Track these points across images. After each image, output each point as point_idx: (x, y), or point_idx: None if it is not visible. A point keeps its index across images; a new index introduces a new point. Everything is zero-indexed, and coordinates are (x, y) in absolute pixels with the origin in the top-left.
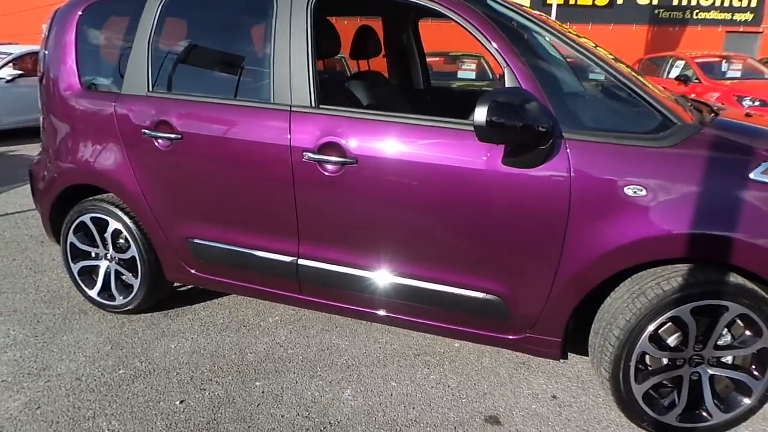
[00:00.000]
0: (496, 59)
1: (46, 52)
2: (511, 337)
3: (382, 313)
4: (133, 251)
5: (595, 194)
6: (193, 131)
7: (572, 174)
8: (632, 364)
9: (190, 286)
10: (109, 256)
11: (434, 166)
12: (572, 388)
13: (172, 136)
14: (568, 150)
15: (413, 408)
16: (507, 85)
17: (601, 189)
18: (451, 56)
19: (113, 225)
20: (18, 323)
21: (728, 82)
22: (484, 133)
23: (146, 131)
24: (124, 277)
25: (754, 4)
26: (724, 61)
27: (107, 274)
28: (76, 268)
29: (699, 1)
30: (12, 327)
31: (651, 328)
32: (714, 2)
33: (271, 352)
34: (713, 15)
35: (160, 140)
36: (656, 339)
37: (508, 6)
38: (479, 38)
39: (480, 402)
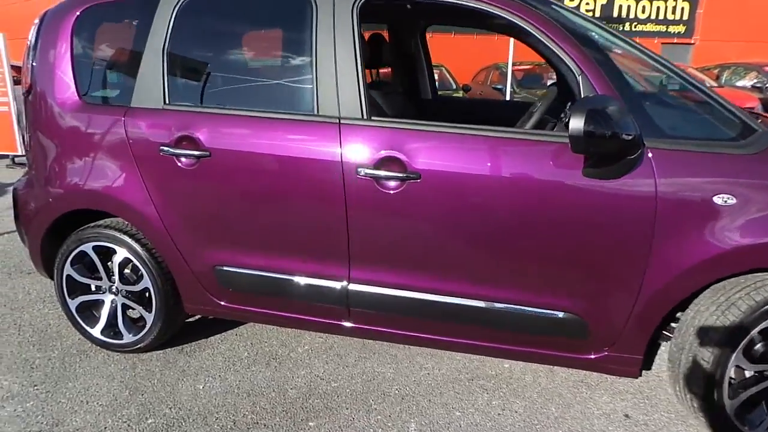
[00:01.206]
0: (569, 67)
1: (34, 63)
2: (591, 356)
3: (444, 338)
4: (146, 282)
5: (682, 205)
6: (225, 147)
7: (657, 184)
8: (726, 379)
9: (197, 316)
10: (114, 289)
11: (507, 179)
12: (641, 405)
13: (199, 153)
14: (651, 159)
15: None
16: (583, 93)
17: (688, 199)
18: None
19: (121, 254)
20: (9, 371)
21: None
22: (580, 144)
23: (165, 148)
24: (131, 312)
25: (686, 17)
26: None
27: (112, 309)
28: (74, 304)
29: (637, 14)
30: (3, 376)
31: (745, 341)
32: (650, 15)
33: (313, 386)
34: (650, 27)
35: (182, 158)
36: (747, 351)
37: (575, 12)
38: (549, 45)
39: (555, 427)
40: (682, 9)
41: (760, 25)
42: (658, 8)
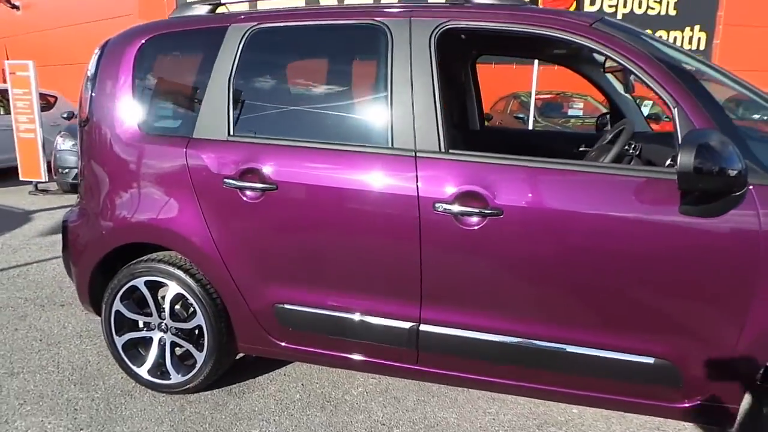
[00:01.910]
0: (663, 98)
1: (93, 94)
2: (685, 405)
3: (521, 383)
4: (200, 320)
5: None
6: (292, 180)
7: (762, 223)
8: None
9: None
10: (163, 326)
11: (596, 216)
12: None
13: (264, 186)
14: (755, 196)
15: None
16: (679, 127)
17: None
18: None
19: (174, 289)
20: (51, 412)
21: None
22: (690, 180)
23: (229, 180)
24: (179, 351)
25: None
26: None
27: (161, 348)
28: (120, 341)
29: None
30: (46, 418)
31: None
32: None
33: None
34: None
35: (247, 191)
36: None
37: (666, 43)
38: (641, 76)
39: None
40: (699, 39)
41: None
42: (675, 38)
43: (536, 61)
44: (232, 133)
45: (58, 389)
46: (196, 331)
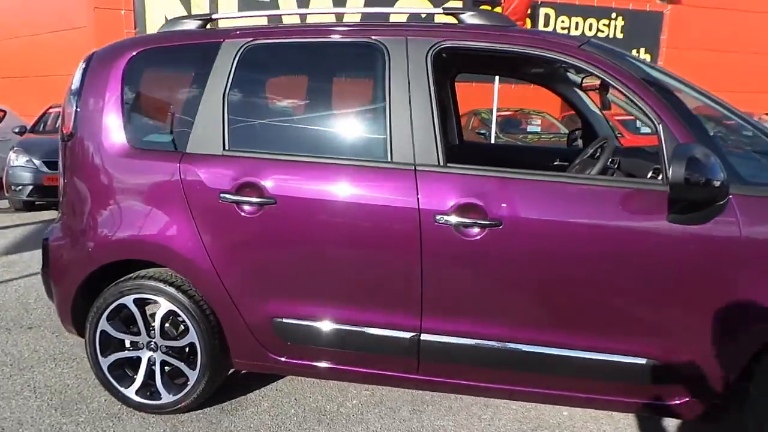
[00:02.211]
0: (647, 115)
1: (78, 108)
2: (675, 402)
3: (519, 387)
4: (192, 337)
5: (766, 250)
6: (291, 194)
7: (741, 230)
8: None
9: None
10: (152, 345)
11: (590, 225)
12: None
13: (263, 200)
14: (734, 205)
15: None
16: (664, 142)
17: None
18: None
19: (165, 307)
20: None
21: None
22: (681, 191)
23: (225, 195)
24: (169, 369)
25: None
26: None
27: (149, 367)
28: (106, 362)
29: None
30: None
31: None
32: None
33: None
34: None
35: (245, 205)
36: None
37: (646, 63)
38: (627, 94)
39: None
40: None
41: (720, 78)
42: None
43: (497, 79)
44: (227, 147)
45: (38, 415)
46: (188, 349)
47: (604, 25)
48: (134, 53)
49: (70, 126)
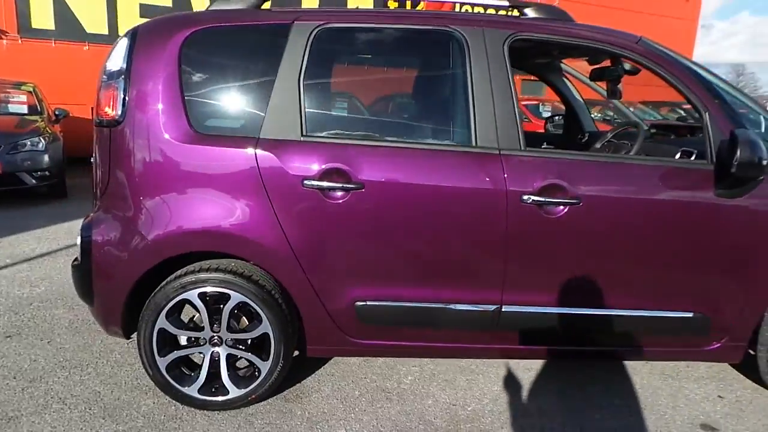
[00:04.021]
0: (694, 104)
1: (127, 90)
2: (712, 347)
3: (585, 348)
4: (265, 327)
5: None
6: (379, 179)
7: None
8: None
9: None
10: (216, 339)
11: (657, 201)
12: (727, 388)
13: (351, 185)
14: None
15: None
16: (711, 128)
17: None
18: None
19: (236, 299)
20: None
21: None
22: (747, 169)
23: (310, 182)
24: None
25: None
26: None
27: (213, 363)
28: (164, 362)
29: None
30: None
31: None
32: None
33: (451, 413)
34: None
35: (331, 191)
36: None
37: (686, 59)
38: (677, 85)
39: (681, 418)
40: None
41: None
42: None
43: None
44: (305, 133)
45: (87, 426)
46: (259, 341)
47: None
48: (191, 32)
49: (116, 110)
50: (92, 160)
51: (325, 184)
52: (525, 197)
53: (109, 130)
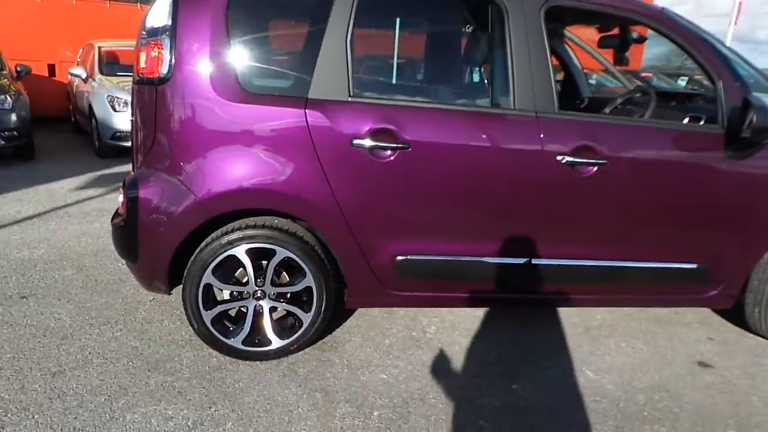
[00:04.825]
0: (707, 71)
1: (174, 48)
2: (711, 293)
3: (605, 296)
4: (309, 281)
5: None
6: (425, 139)
7: None
8: None
9: None
10: (259, 293)
11: (673, 162)
12: (715, 331)
13: (398, 145)
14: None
15: (655, 371)
16: (723, 96)
17: None
18: None
19: (281, 254)
20: (154, 401)
21: None
22: (761, 134)
23: (359, 141)
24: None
25: None
26: None
27: (256, 316)
28: (209, 316)
29: None
30: (156, 407)
31: None
32: None
33: (481, 358)
34: None
35: (379, 150)
36: None
37: (699, 28)
38: (694, 54)
39: (680, 356)
40: None
41: None
42: None
43: None
44: (352, 93)
45: (134, 378)
46: (303, 294)
47: None
48: None
49: (161, 68)
50: (131, 119)
51: (373, 143)
52: (559, 157)
53: (154, 88)
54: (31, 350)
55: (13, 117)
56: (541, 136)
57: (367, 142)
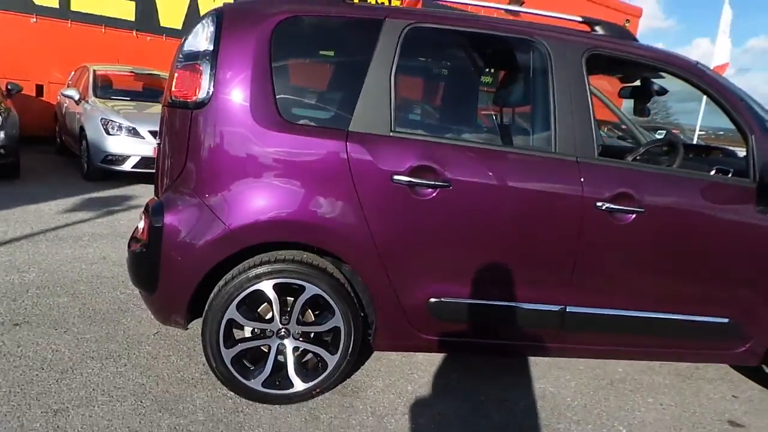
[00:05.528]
0: (741, 126)
1: (214, 73)
2: (740, 349)
3: (634, 348)
4: (337, 321)
5: None
6: (466, 179)
7: None
8: None
9: None
10: (283, 332)
11: (706, 213)
12: (738, 389)
13: (439, 183)
14: None
15: (680, 428)
16: (755, 149)
17: None
18: None
19: (311, 291)
20: None
21: None
22: None
23: (400, 177)
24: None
25: None
26: None
27: (279, 356)
28: (229, 354)
29: None
30: None
31: None
32: None
33: (508, 408)
34: None
35: (419, 188)
36: None
37: (727, 80)
38: (728, 108)
39: (710, 414)
40: None
41: None
42: None
43: None
44: (393, 128)
45: (143, 419)
46: (328, 334)
47: None
48: (283, 18)
49: (200, 91)
50: (158, 143)
51: (414, 180)
52: (599, 203)
53: (189, 112)
54: (29, 384)
55: (2, 134)
56: (582, 180)
57: (409, 179)
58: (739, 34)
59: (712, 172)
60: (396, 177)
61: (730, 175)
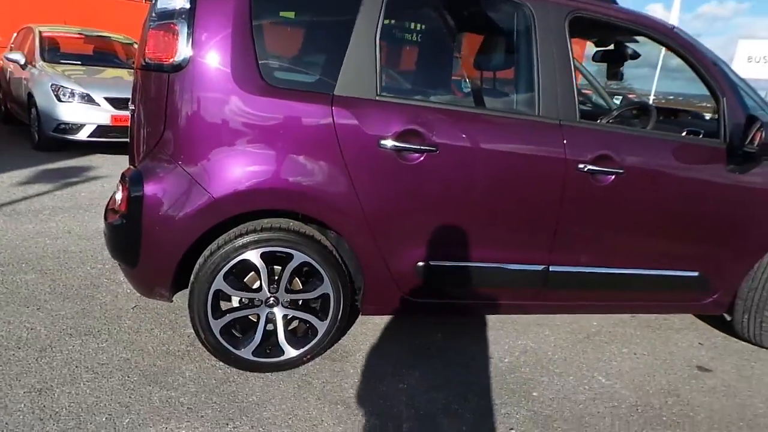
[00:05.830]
0: (713, 89)
1: (191, 33)
2: (707, 300)
3: (612, 302)
4: (326, 288)
5: None
6: (452, 143)
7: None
8: None
9: None
10: (272, 301)
11: (679, 173)
12: (703, 336)
13: (425, 147)
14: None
15: (662, 376)
16: (726, 112)
17: None
18: None
19: (299, 259)
20: (163, 419)
21: None
22: (766, 150)
23: (387, 142)
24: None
25: None
26: None
27: (268, 324)
28: (218, 325)
29: None
30: (166, 425)
31: None
32: None
33: (495, 366)
34: None
35: (406, 153)
36: None
37: (704, 47)
38: (701, 71)
39: (679, 361)
40: None
41: None
42: None
43: None
44: (379, 92)
45: (132, 393)
46: (317, 301)
47: None
48: None
49: (176, 55)
50: (131, 108)
51: (401, 144)
52: (581, 165)
53: (166, 76)
54: (6, 364)
55: None
56: (565, 142)
57: (395, 143)
58: (690, 0)
59: (683, 134)
60: (383, 142)
61: (701, 137)
